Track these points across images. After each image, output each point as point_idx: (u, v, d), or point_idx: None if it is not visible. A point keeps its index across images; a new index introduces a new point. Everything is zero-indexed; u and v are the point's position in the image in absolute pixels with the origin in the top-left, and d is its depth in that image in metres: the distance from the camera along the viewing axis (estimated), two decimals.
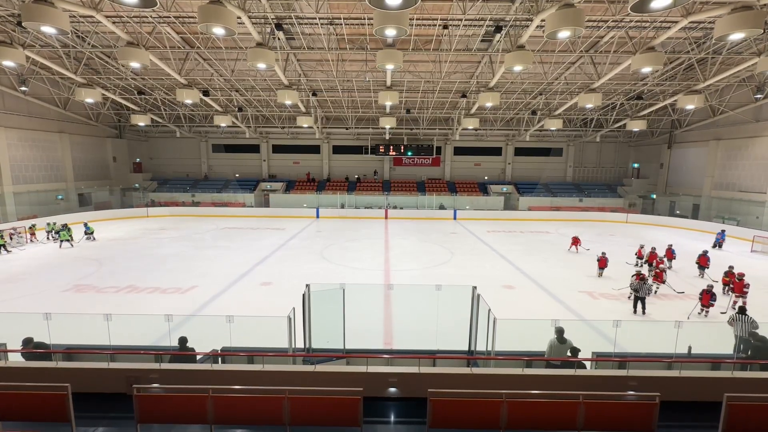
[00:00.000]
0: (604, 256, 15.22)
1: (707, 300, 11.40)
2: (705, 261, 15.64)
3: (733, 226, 24.60)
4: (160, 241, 21.97)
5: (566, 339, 7.15)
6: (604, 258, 15.15)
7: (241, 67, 22.31)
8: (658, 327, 10.85)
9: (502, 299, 12.57)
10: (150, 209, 32.03)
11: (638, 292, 11.49)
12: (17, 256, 18.06)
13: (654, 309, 12.02)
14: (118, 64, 21.90)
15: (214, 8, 11.44)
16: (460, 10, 14.75)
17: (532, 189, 36.33)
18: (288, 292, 12.64)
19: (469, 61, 22.05)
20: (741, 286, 11.92)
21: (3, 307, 11.64)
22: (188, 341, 7.16)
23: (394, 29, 11.36)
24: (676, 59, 20.38)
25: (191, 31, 18.38)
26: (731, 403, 4.76)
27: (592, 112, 30.74)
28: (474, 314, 7.62)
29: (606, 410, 5.02)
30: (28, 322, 7.03)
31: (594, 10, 15.58)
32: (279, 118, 33.66)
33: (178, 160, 38.48)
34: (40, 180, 27.13)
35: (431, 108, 30.81)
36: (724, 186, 27.47)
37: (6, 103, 24.43)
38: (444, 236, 24.27)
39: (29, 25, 11.69)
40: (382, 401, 6.06)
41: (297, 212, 32.29)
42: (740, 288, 11.90)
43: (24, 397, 5.00)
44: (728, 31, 11.69)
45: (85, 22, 17.21)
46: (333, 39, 18.41)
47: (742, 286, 11.90)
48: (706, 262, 15.64)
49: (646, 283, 11.56)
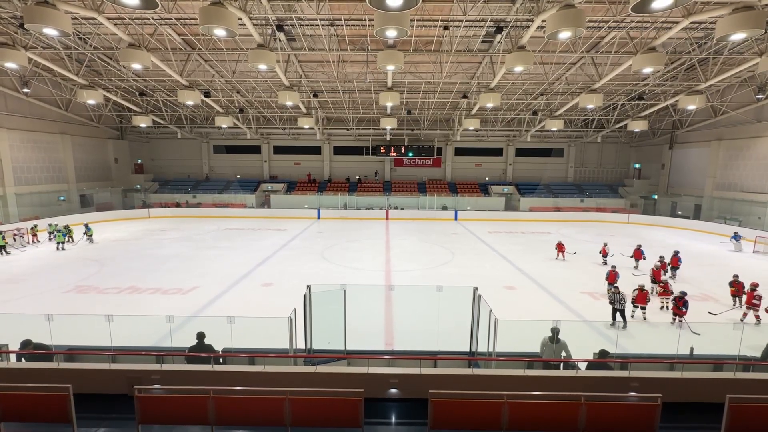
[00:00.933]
0: (614, 270, 13.05)
1: (643, 299, 10.99)
2: (676, 261, 15.35)
3: (735, 227, 24.53)
4: (161, 241, 22.00)
5: (560, 339, 7.14)
6: (614, 272, 12.96)
7: (243, 68, 22.34)
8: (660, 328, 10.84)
9: (503, 300, 12.55)
10: (151, 210, 32.10)
11: (614, 303, 10.66)
12: (18, 257, 18.11)
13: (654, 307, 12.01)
14: (120, 66, 21.96)
15: (215, 10, 11.47)
16: (460, 11, 14.75)
17: (533, 189, 36.30)
18: (289, 293, 12.63)
19: (469, 62, 22.05)
20: (751, 297, 10.97)
21: (4, 308, 11.67)
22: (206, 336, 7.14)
23: (394, 30, 11.38)
24: (678, 59, 20.35)
25: (192, 32, 18.42)
26: (734, 404, 4.74)
27: (593, 113, 30.71)
28: (475, 315, 7.61)
29: (607, 411, 5.01)
30: (30, 323, 7.05)
31: (595, 10, 15.56)
32: (280, 119, 33.71)
33: (180, 161, 38.55)
34: (41, 181, 27.22)
35: (432, 109, 30.82)
36: (726, 186, 27.41)
37: (8, 104, 24.51)
38: (445, 237, 24.25)
39: (31, 26, 11.73)
40: (383, 402, 6.05)
41: (298, 213, 32.32)
42: (750, 299, 10.99)
43: (25, 398, 5.01)
44: (729, 32, 11.67)
45: (86, 24, 17.27)
46: (334, 40, 18.44)
47: (752, 297, 10.91)
48: (677, 262, 15.34)
49: (620, 294, 10.61)
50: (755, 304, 10.84)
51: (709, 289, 14.08)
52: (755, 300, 10.85)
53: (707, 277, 15.72)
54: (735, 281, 12.17)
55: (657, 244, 22.57)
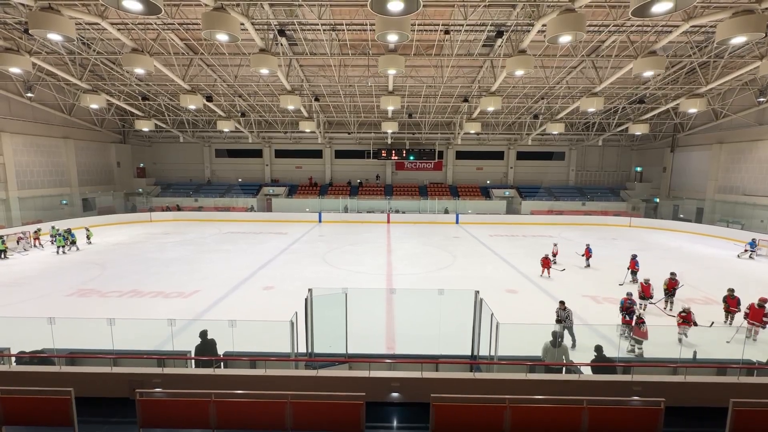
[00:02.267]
0: (648, 283, 11.98)
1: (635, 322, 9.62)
2: (634, 265, 15.12)
3: (738, 230, 24.45)
4: (163, 245, 22.04)
5: (562, 343, 7.12)
6: (648, 285, 11.95)
7: (244, 72, 22.47)
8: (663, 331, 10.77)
9: (505, 303, 12.51)
10: (153, 214, 32.19)
11: (563, 321, 9.42)
12: (20, 261, 18.16)
13: (657, 310, 11.96)
14: (123, 71, 22.12)
15: (217, 15, 11.56)
16: (461, 15, 14.83)
17: (535, 193, 36.28)
18: (290, 296, 12.64)
19: (470, 66, 22.14)
20: (761, 314, 9.73)
21: (7, 311, 11.69)
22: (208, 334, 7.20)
23: (396, 35, 11.44)
24: (678, 63, 20.39)
25: (195, 37, 18.57)
26: (737, 408, 4.71)
27: (594, 116, 30.74)
28: (477, 318, 7.59)
29: (610, 416, 4.98)
30: (32, 327, 7.05)
31: (595, 14, 15.64)
32: (281, 123, 33.84)
33: (182, 164, 38.70)
34: (44, 185, 27.35)
35: (433, 112, 30.90)
36: (728, 189, 27.35)
37: (12, 109, 24.68)
38: (446, 240, 24.23)
39: (36, 32, 11.84)
40: (384, 406, 6.04)
41: (299, 216, 32.35)
42: (759, 316, 9.75)
43: (28, 402, 5.02)
44: (730, 35, 11.69)
45: (90, 29, 17.43)
46: (335, 44, 18.54)
47: (762, 314, 9.72)
48: (635, 266, 15.10)
49: (566, 311, 9.55)
50: (765, 322, 9.62)
51: (712, 292, 14.01)
52: (766, 318, 9.66)
53: (710, 280, 15.66)
54: (730, 296, 10.80)
55: (659, 247, 22.51)
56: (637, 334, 9.26)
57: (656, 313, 11.99)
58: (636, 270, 15.17)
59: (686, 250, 21.66)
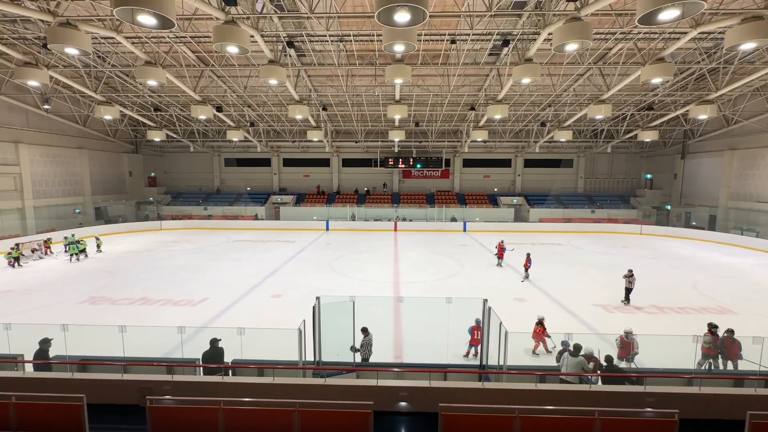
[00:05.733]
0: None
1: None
2: (527, 262, 16.50)
3: (753, 237, 23.96)
4: (172, 253, 22.29)
5: (579, 354, 7.01)
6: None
7: (254, 83, 22.88)
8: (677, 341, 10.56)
9: (514, 312, 12.37)
10: (163, 222, 32.62)
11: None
12: (33, 269, 18.49)
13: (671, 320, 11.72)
14: (136, 83, 22.67)
15: (228, 28, 11.85)
16: (467, 25, 14.97)
17: (543, 200, 36.03)
18: (298, 304, 12.67)
19: (477, 75, 22.26)
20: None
21: (19, 318, 11.88)
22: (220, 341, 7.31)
23: (402, 45, 11.59)
24: (687, 69, 20.27)
25: (206, 49, 19.00)
26: (755, 421, 4.59)
27: (603, 123, 30.57)
28: (485, 327, 7.54)
29: (623, 427, 4.88)
30: (45, 334, 7.17)
31: (601, 22, 15.67)
32: (290, 133, 34.25)
33: (192, 174, 39.28)
34: (58, 194, 27.94)
35: (440, 121, 31.03)
36: (741, 196, 26.87)
37: (30, 120, 25.39)
38: (454, 248, 24.12)
39: (54, 47, 12.24)
40: (392, 415, 5.99)
41: (307, 225, 32.52)
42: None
43: (40, 408, 5.09)
44: (739, 41, 11.63)
45: (105, 43, 17.95)
46: (343, 55, 18.81)
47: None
48: (528, 263, 16.47)
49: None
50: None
51: (727, 302, 13.71)
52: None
53: (725, 289, 15.33)
54: (711, 331, 8.37)
55: (671, 255, 22.14)
56: (623, 354, 8.24)
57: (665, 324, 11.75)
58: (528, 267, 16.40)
59: (701, 259, 21.26)
